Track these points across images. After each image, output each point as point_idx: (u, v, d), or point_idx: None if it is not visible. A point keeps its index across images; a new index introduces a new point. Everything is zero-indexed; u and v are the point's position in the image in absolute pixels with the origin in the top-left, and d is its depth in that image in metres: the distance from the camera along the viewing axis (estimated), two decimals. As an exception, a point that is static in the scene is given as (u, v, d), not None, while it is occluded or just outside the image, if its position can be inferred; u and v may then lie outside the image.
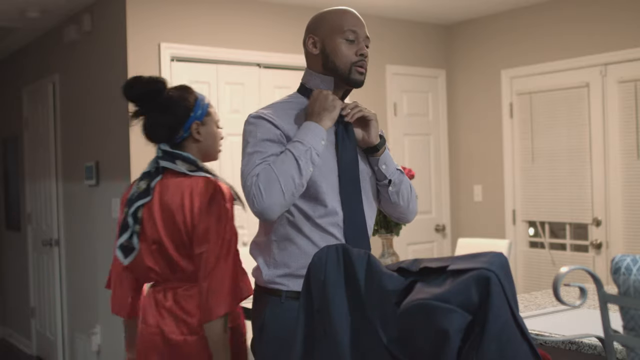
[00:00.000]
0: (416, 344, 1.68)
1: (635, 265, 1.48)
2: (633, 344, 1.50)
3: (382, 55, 6.34)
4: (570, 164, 5.89)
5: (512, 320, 1.61)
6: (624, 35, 5.50)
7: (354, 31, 2.44)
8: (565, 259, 5.94)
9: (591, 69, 5.74)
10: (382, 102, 6.41)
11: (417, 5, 6.08)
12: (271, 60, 5.68)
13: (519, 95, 6.28)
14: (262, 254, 2.47)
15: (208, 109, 2.85)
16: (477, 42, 6.62)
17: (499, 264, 1.62)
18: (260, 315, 2.43)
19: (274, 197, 2.27)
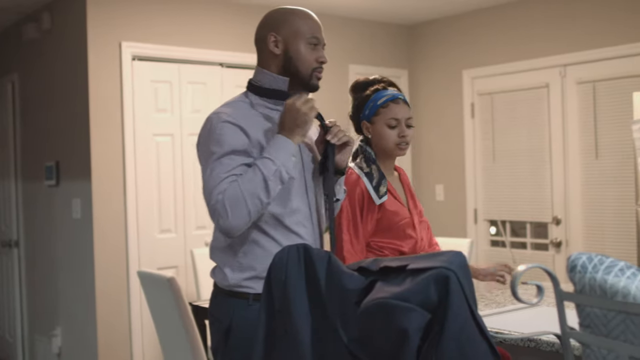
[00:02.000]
0: (376, 343, 1.69)
1: (590, 263, 1.50)
2: (589, 341, 1.52)
3: (344, 55, 6.35)
4: (531, 164, 5.96)
5: (471, 319, 1.63)
6: (583, 36, 5.58)
7: (316, 37, 2.45)
8: (526, 257, 6.01)
9: (551, 70, 5.81)
10: (345, 102, 6.40)
11: (380, 6, 6.11)
12: (234, 60, 5.66)
13: (480, 95, 6.34)
14: (226, 257, 2.42)
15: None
16: (439, 42, 6.67)
17: (458, 263, 1.63)
18: (225, 319, 2.40)
19: (240, 217, 2.25)
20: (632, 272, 1.46)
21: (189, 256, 5.27)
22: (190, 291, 5.29)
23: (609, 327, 1.47)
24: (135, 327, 5.18)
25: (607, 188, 5.45)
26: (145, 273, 3.94)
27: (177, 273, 5.32)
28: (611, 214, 5.43)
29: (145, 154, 5.25)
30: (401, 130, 2.99)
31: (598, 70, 5.50)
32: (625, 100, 5.08)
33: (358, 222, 2.95)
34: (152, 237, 5.28)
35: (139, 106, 5.22)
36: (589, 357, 1.54)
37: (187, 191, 5.45)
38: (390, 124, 3.00)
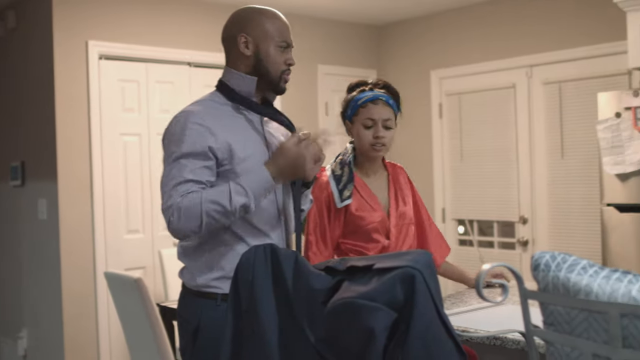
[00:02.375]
0: (343, 343, 1.70)
1: (554, 261, 1.52)
2: (552, 339, 1.54)
3: (313, 55, 6.36)
4: (498, 163, 6.01)
5: (437, 318, 1.64)
6: (549, 38, 5.64)
7: (286, 41, 2.46)
8: (494, 256, 6.06)
9: (517, 71, 5.87)
10: (314, 102, 6.43)
11: (349, 6, 6.12)
12: (201, 59, 5.64)
13: (448, 95, 6.38)
14: (194, 257, 2.41)
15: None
16: (408, 43, 6.70)
17: (423, 262, 1.64)
18: (193, 319, 2.38)
19: (189, 226, 2.24)
20: (595, 270, 1.48)
21: (157, 257, 5.24)
22: (158, 292, 5.26)
23: (572, 325, 1.49)
24: (103, 329, 5.13)
25: (573, 187, 5.52)
26: (112, 274, 3.92)
27: (145, 274, 5.29)
28: (577, 213, 5.49)
29: (113, 153, 5.21)
30: (376, 131, 2.96)
31: (564, 71, 5.56)
32: (590, 100, 5.14)
33: (325, 225, 2.95)
34: (119, 237, 5.24)
35: (105, 106, 5.18)
36: (552, 354, 1.56)
37: (155, 191, 5.41)
38: (366, 124, 2.98)
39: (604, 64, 5.32)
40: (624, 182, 4.39)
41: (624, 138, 4.36)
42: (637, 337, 1.39)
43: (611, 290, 1.43)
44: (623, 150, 4.36)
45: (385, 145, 2.98)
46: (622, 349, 1.41)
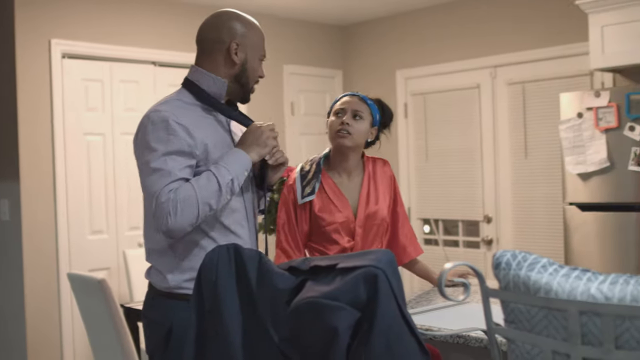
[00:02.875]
0: (306, 342, 1.70)
1: (514, 260, 1.53)
2: (513, 336, 1.55)
3: (279, 55, 6.35)
4: (463, 163, 6.06)
5: (399, 317, 1.64)
6: (512, 39, 5.70)
7: (265, 55, 2.52)
8: (458, 255, 6.11)
9: (482, 71, 5.92)
10: (280, 102, 6.43)
11: (314, 6, 6.13)
12: (166, 59, 5.61)
13: (414, 95, 6.42)
14: (164, 259, 2.39)
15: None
16: (373, 43, 6.72)
17: (386, 261, 1.65)
18: (165, 321, 2.36)
19: (187, 219, 2.24)
20: (554, 268, 1.50)
21: (121, 257, 5.21)
22: (123, 293, 5.22)
23: (532, 323, 1.51)
24: (66, 330, 5.08)
25: (536, 187, 5.58)
26: (75, 275, 3.88)
27: (110, 275, 5.24)
28: (540, 212, 5.55)
29: (76, 153, 5.16)
30: (343, 117, 2.97)
31: (527, 72, 5.62)
32: (552, 100, 5.20)
33: (293, 221, 2.97)
34: (83, 238, 5.19)
35: (69, 105, 5.13)
36: (513, 352, 1.58)
37: (120, 191, 5.37)
38: (337, 112, 3.01)
39: (566, 65, 5.39)
40: (585, 181, 4.45)
41: (585, 138, 4.42)
42: (595, 334, 1.41)
43: (570, 288, 1.44)
44: (585, 150, 4.42)
45: (351, 134, 2.96)
46: (581, 346, 1.43)
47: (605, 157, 4.33)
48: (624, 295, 1.38)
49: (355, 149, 3.01)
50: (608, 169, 4.35)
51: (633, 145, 4.23)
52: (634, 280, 1.40)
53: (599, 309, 1.39)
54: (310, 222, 2.98)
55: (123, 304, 4.11)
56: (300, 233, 2.97)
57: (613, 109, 4.30)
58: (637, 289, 1.38)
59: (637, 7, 4.48)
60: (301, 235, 2.97)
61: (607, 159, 4.33)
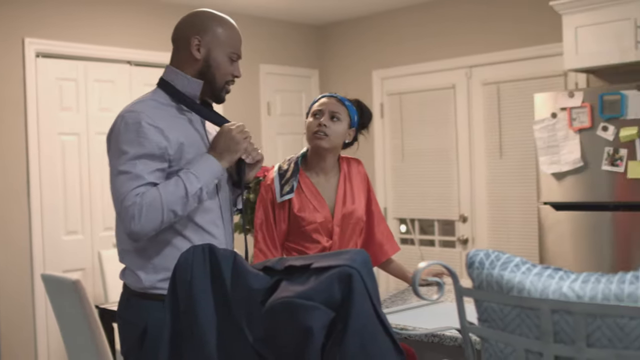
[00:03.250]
0: (281, 342, 1.70)
1: (488, 259, 1.54)
2: (487, 335, 1.56)
3: (255, 55, 6.34)
4: (438, 163, 6.08)
5: (374, 316, 1.65)
6: (487, 39, 5.74)
7: (237, 52, 2.47)
8: (434, 254, 6.13)
9: (457, 71, 5.95)
10: (256, 102, 6.42)
11: (291, 6, 6.12)
12: (142, 58, 5.58)
13: (390, 95, 6.43)
14: (138, 259, 2.37)
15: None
16: (349, 43, 6.73)
17: (361, 261, 1.65)
18: (140, 321, 2.35)
19: (151, 224, 2.23)
20: (527, 267, 1.51)
21: (96, 258, 5.17)
22: (98, 294, 5.19)
23: (505, 321, 1.52)
24: (41, 332, 5.04)
25: (511, 186, 5.62)
26: (49, 276, 3.85)
27: (84, 275, 5.21)
28: (515, 212, 5.59)
29: (50, 153, 5.12)
30: (320, 119, 2.98)
31: (502, 72, 5.66)
32: (527, 101, 5.24)
33: (271, 221, 2.97)
34: (57, 239, 5.15)
35: (43, 104, 5.09)
36: (487, 350, 1.59)
37: (95, 191, 5.33)
38: (315, 113, 3.01)
39: (540, 65, 5.43)
40: (559, 181, 4.48)
41: (559, 138, 4.45)
42: (567, 333, 1.42)
43: (543, 286, 1.46)
44: (559, 150, 4.46)
45: (329, 135, 2.96)
46: (553, 344, 1.44)
47: (579, 157, 4.37)
48: (595, 294, 1.40)
49: (332, 151, 3.02)
50: (582, 169, 4.39)
51: (606, 145, 4.27)
52: (605, 279, 1.41)
53: (571, 307, 1.40)
54: (289, 221, 2.98)
55: (98, 305, 4.08)
56: (278, 233, 2.97)
57: (587, 109, 4.34)
58: (608, 287, 1.39)
59: (610, 8, 4.53)
60: (279, 235, 2.97)
61: (581, 158, 4.37)
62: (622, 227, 4.30)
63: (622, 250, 4.31)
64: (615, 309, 1.35)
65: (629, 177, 4.20)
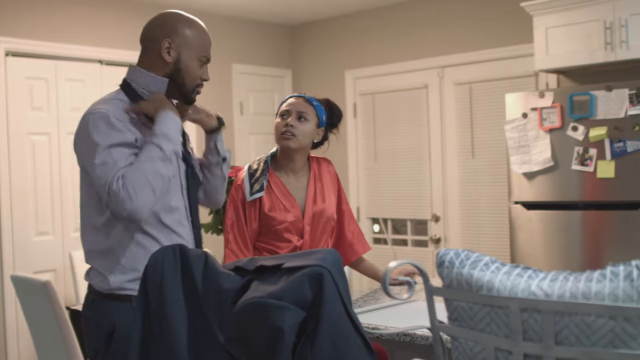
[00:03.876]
0: (252, 342, 1.69)
1: (457, 258, 1.55)
2: (456, 334, 1.57)
3: (228, 55, 6.32)
4: (411, 163, 6.11)
5: (345, 315, 1.65)
6: (460, 40, 5.77)
7: (207, 56, 2.47)
8: (407, 254, 6.16)
9: (430, 71, 5.98)
10: (228, 101, 6.40)
11: (263, 5, 6.11)
12: (113, 57, 5.54)
13: (362, 95, 6.45)
14: (106, 260, 2.35)
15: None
16: (322, 43, 6.74)
17: (331, 260, 1.66)
18: (107, 322, 2.33)
19: (145, 197, 2.20)
20: (496, 266, 1.52)
21: (67, 259, 5.13)
22: (69, 295, 5.15)
23: (475, 320, 1.53)
24: (10, 334, 4.99)
25: (483, 186, 5.66)
26: (19, 277, 3.81)
27: (55, 277, 5.16)
28: (486, 211, 5.63)
29: (20, 153, 5.07)
30: (288, 119, 2.98)
31: (474, 72, 5.70)
32: (499, 101, 5.27)
33: (242, 221, 2.96)
34: (28, 239, 5.10)
35: (13, 104, 5.03)
36: (457, 349, 1.60)
37: (65, 192, 5.29)
38: (282, 114, 3.01)
39: (512, 65, 5.47)
40: (530, 180, 4.52)
41: (530, 138, 4.49)
42: (536, 330, 1.43)
43: (512, 285, 1.47)
44: (529, 150, 4.49)
45: (296, 136, 2.97)
46: (523, 342, 1.45)
47: (549, 156, 4.41)
48: (564, 292, 1.41)
49: (300, 151, 3.02)
50: (552, 169, 4.43)
51: (576, 145, 4.32)
52: (573, 277, 1.43)
53: (539, 305, 1.41)
54: (260, 221, 2.98)
55: (69, 306, 4.06)
56: (249, 232, 2.97)
57: (557, 110, 4.38)
58: (575, 285, 1.41)
59: (580, 9, 4.57)
60: (251, 234, 2.97)
61: (551, 158, 4.41)
62: (592, 226, 4.35)
63: (592, 248, 4.36)
64: (583, 307, 1.37)
65: (598, 176, 4.25)
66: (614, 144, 4.18)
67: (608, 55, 4.49)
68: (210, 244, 5.26)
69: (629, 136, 4.13)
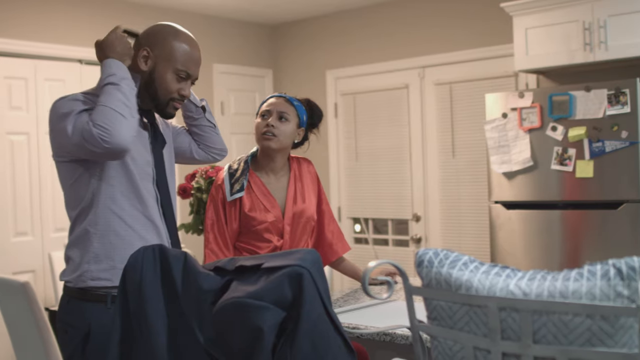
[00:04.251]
0: (232, 342, 1.69)
1: (436, 258, 1.56)
2: (436, 333, 1.58)
3: (209, 54, 6.30)
4: (392, 163, 6.12)
5: (324, 315, 1.66)
6: (440, 40, 5.79)
7: (187, 71, 2.44)
8: (388, 253, 6.17)
9: (410, 71, 5.99)
10: (209, 101, 6.38)
11: (244, 5, 6.10)
12: (93, 57, 5.43)
13: (343, 95, 6.45)
14: (80, 250, 2.35)
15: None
16: (303, 42, 6.74)
17: (311, 260, 1.66)
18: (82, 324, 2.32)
19: (118, 125, 2.21)
20: (475, 265, 1.53)
21: (46, 260, 5.09)
22: (49, 296, 5.11)
23: (454, 319, 1.54)
24: (-11, 335, 4.94)
25: (463, 186, 5.68)
26: (-2, 278, 3.77)
27: (35, 277, 5.13)
28: (467, 211, 5.66)
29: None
30: (268, 119, 2.98)
31: (454, 72, 5.72)
32: (479, 101, 5.30)
33: (222, 220, 2.96)
34: (6, 240, 5.06)
35: (-9, 104, 5.00)
36: (436, 348, 1.60)
37: (45, 192, 5.25)
38: (263, 114, 3.01)
39: (492, 66, 5.50)
40: (510, 180, 4.54)
41: (510, 138, 4.51)
42: (514, 329, 1.44)
43: (490, 284, 1.48)
44: (509, 150, 4.52)
45: (277, 136, 2.97)
46: (501, 341, 1.46)
47: (529, 156, 4.44)
48: (542, 291, 1.42)
49: (281, 151, 3.03)
50: (532, 168, 4.46)
51: (555, 145, 4.34)
52: (551, 277, 1.44)
53: (517, 304, 1.42)
54: (240, 221, 2.98)
55: (48, 307, 4.03)
56: (230, 232, 2.96)
57: (536, 110, 4.40)
58: (553, 284, 1.42)
59: (559, 10, 4.61)
60: (231, 234, 2.97)
61: (531, 158, 4.44)
62: (571, 225, 4.38)
63: (571, 247, 4.39)
64: (560, 305, 1.38)
65: (577, 176, 4.28)
66: (592, 144, 4.22)
67: (587, 56, 4.52)
68: (190, 244, 5.24)
69: (608, 136, 4.16)
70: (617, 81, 4.14)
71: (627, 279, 1.36)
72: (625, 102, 4.09)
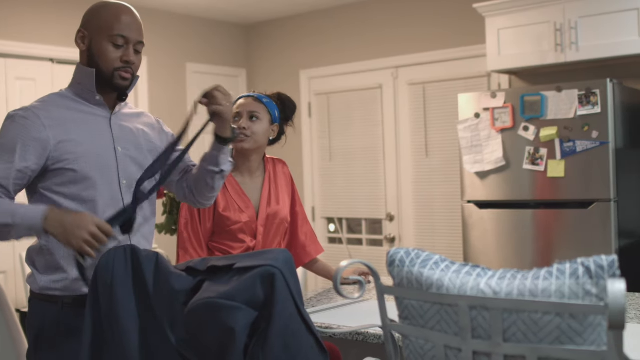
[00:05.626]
0: (204, 343, 1.69)
1: (408, 257, 1.56)
2: (407, 332, 1.59)
3: (182, 54, 6.28)
4: (366, 163, 6.13)
5: (296, 315, 1.66)
6: (414, 40, 5.81)
7: (123, 36, 2.32)
8: (362, 253, 6.18)
9: (384, 72, 6.01)
10: (182, 101, 6.35)
11: (218, 4, 6.08)
12: (65, 56, 5.46)
13: (317, 95, 6.46)
14: (36, 259, 2.31)
15: None
16: (277, 42, 6.73)
17: (283, 260, 1.66)
18: (37, 324, 2.29)
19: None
20: (446, 264, 1.54)
21: (17, 261, 5.04)
22: (20, 297, 5.06)
23: (425, 318, 1.54)
24: (-41, 337, 4.88)
25: (436, 185, 5.71)
26: (-32, 279, 3.73)
27: (6, 279, 5.07)
28: (440, 210, 5.68)
29: (-31, 153, 4.97)
30: (240, 122, 2.97)
31: (427, 73, 5.74)
32: (452, 101, 5.32)
33: (196, 220, 2.95)
34: (-24, 241, 5.00)
35: (-39, 103, 4.94)
36: (408, 347, 1.61)
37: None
38: (234, 116, 3.00)
39: (465, 66, 5.53)
40: (483, 179, 4.57)
41: (482, 138, 4.54)
42: (485, 328, 1.45)
43: (461, 283, 1.49)
44: (482, 150, 4.54)
45: (249, 136, 2.96)
46: (472, 340, 1.47)
47: (501, 156, 4.47)
48: (512, 290, 1.43)
49: (256, 150, 3.02)
50: (504, 168, 4.48)
51: (527, 145, 4.38)
52: (521, 276, 1.45)
53: (488, 303, 1.43)
54: (214, 221, 2.97)
55: (19, 309, 3.99)
56: (203, 232, 2.95)
57: (508, 110, 4.43)
58: (523, 283, 1.43)
59: (531, 11, 4.64)
60: (204, 234, 2.96)
61: (503, 158, 4.46)
62: (543, 224, 4.42)
63: (543, 246, 4.43)
64: (530, 304, 1.39)
65: (549, 175, 4.31)
66: (564, 144, 4.25)
67: (558, 57, 4.57)
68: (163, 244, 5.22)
69: (579, 136, 4.20)
70: (588, 82, 4.18)
71: (595, 278, 1.38)
72: (596, 103, 4.13)
